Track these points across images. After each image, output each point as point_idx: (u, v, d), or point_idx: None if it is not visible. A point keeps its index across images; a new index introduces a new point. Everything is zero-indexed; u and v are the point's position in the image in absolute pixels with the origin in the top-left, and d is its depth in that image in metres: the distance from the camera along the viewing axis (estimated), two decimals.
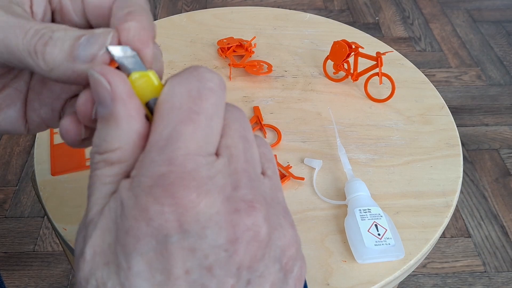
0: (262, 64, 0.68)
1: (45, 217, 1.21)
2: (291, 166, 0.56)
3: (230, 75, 0.68)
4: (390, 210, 0.52)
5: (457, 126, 0.63)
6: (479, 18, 1.95)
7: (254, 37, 0.74)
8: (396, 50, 0.76)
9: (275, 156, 0.57)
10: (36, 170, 0.54)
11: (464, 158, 1.39)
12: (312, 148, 0.59)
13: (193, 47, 0.74)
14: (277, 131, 0.61)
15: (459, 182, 0.56)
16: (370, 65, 0.65)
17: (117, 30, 0.23)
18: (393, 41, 1.81)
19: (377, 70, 0.64)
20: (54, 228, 0.50)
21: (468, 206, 1.29)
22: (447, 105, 0.66)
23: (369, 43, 0.75)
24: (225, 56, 0.71)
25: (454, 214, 1.27)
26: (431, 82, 0.71)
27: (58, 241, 1.16)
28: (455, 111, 1.54)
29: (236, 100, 0.65)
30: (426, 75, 0.71)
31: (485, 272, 1.15)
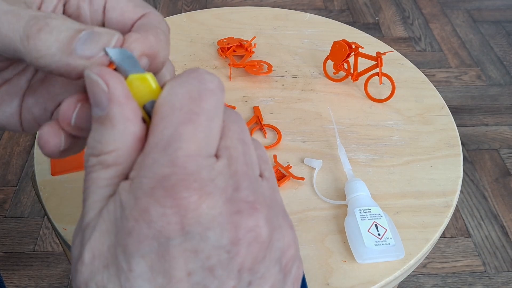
0: (262, 64, 0.68)
1: (45, 217, 1.21)
2: (291, 166, 0.56)
3: (230, 75, 0.68)
4: (390, 210, 0.52)
5: (457, 126, 0.63)
6: (479, 18, 1.95)
7: (254, 37, 0.74)
8: (396, 50, 0.76)
9: (275, 156, 0.57)
10: (36, 170, 0.54)
11: (464, 158, 1.39)
12: (312, 148, 0.59)
13: (193, 47, 0.74)
14: (277, 131, 0.61)
15: (459, 182, 0.56)
16: (370, 65, 0.65)
17: (137, 39, 0.23)
18: (393, 41, 1.81)
19: (377, 70, 0.64)
20: (54, 228, 0.50)
21: (468, 206, 1.29)
22: (447, 105, 0.66)
23: (369, 43, 0.75)
24: (225, 56, 0.71)
25: (454, 214, 1.27)
26: (431, 82, 0.71)
27: (58, 241, 1.16)
28: (455, 111, 1.54)
29: (236, 100, 0.65)
30: (426, 75, 0.71)
31: (485, 272, 1.15)
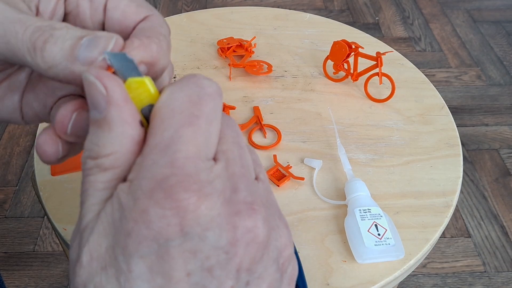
0: (262, 64, 0.68)
1: (45, 217, 1.21)
2: (291, 166, 0.56)
3: (230, 75, 0.68)
4: (390, 210, 0.52)
5: (457, 126, 0.63)
6: (479, 18, 1.95)
7: (254, 37, 0.74)
8: (396, 50, 0.76)
9: (275, 156, 0.57)
10: (36, 170, 0.54)
11: (464, 158, 1.39)
12: (312, 148, 0.59)
13: (193, 47, 0.74)
14: (277, 131, 0.61)
15: (459, 182, 0.56)
16: (370, 65, 0.65)
17: (138, 46, 0.24)
18: (393, 41, 1.81)
19: (377, 70, 0.64)
20: (54, 228, 0.50)
21: (468, 206, 1.29)
22: (447, 105, 0.66)
23: (369, 43, 0.75)
24: (225, 56, 0.71)
25: (454, 214, 1.27)
26: (431, 82, 0.71)
27: (58, 241, 1.16)
28: (455, 111, 1.54)
29: (236, 100, 0.65)
30: (426, 75, 0.71)
31: (485, 272, 1.15)
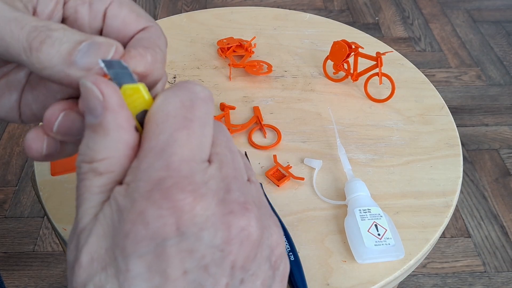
0: (262, 64, 0.68)
1: (45, 217, 1.21)
2: (291, 166, 0.56)
3: (230, 75, 0.68)
4: (390, 210, 0.52)
5: (457, 126, 0.63)
6: (479, 18, 1.95)
7: (254, 37, 0.74)
8: (396, 50, 0.76)
9: (275, 156, 0.57)
10: (36, 170, 0.54)
11: (464, 158, 1.39)
12: (312, 148, 0.59)
13: (193, 47, 0.74)
14: (277, 131, 0.61)
15: (459, 182, 0.56)
16: (370, 65, 0.65)
17: (134, 56, 0.24)
18: (393, 41, 1.81)
19: (377, 70, 0.64)
20: (54, 228, 0.50)
21: (468, 206, 1.29)
22: (447, 105, 0.66)
23: (369, 43, 0.75)
24: (225, 56, 0.71)
25: (454, 214, 1.27)
26: (431, 82, 0.71)
27: (58, 241, 1.16)
28: (455, 111, 1.54)
29: (236, 100, 0.65)
30: (426, 75, 0.71)
31: (485, 272, 1.15)
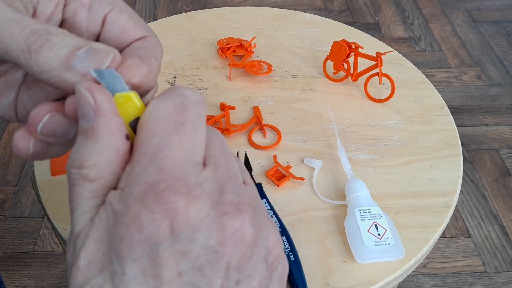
0: (262, 64, 0.68)
1: (45, 217, 1.21)
2: (291, 166, 0.56)
3: (230, 75, 0.68)
4: (390, 210, 0.52)
5: (457, 126, 0.63)
6: (479, 18, 1.95)
7: (254, 37, 0.74)
8: (396, 50, 0.76)
9: (274, 156, 0.57)
10: (36, 170, 0.54)
11: (464, 158, 1.39)
12: (312, 148, 0.59)
13: (193, 47, 0.74)
14: (277, 131, 0.61)
15: (459, 182, 0.56)
16: (370, 65, 0.65)
17: (130, 66, 0.24)
18: (393, 41, 1.81)
19: (377, 70, 0.64)
20: (54, 228, 0.50)
21: (468, 206, 1.29)
22: (447, 105, 0.66)
23: (369, 43, 0.75)
24: (225, 56, 0.71)
25: (454, 214, 1.27)
26: (431, 82, 0.71)
27: (58, 241, 1.16)
28: (455, 111, 1.54)
29: (236, 100, 0.65)
30: (426, 75, 0.71)
31: (485, 272, 1.15)
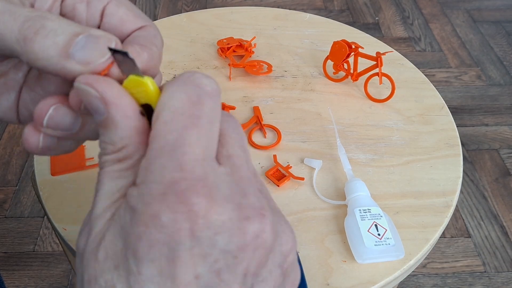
0: (262, 64, 0.68)
1: (45, 217, 1.21)
2: (291, 166, 0.56)
3: (230, 75, 0.68)
4: (390, 210, 0.52)
5: (457, 126, 0.63)
6: (479, 18, 1.95)
7: (254, 37, 0.74)
8: (396, 50, 0.76)
9: (274, 156, 0.57)
10: (36, 170, 0.54)
11: (464, 158, 1.39)
12: (312, 148, 0.59)
13: (193, 47, 0.74)
14: (277, 131, 0.61)
15: (459, 182, 0.56)
16: (370, 65, 0.65)
17: (131, 53, 0.24)
18: (393, 41, 1.81)
19: (377, 70, 0.64)
20: (54, 228, 0.50)
21: (468, 206, 1.29)
22: (447, 105, 0.66)
23: (369, 43, 0.75)
24: (225, 56, 0.71)
25: (454, 214, 1.27)
26: (431, 82, 0.71)
27: (58, 241, 1.16)
28: (455, 111, 1.54)
29: (236, 100, 0.65)
30: (426, 75, 0.71)
31: (485, 272, 1.15)
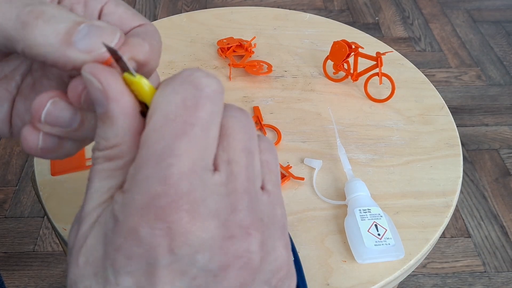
0: (262, 64, 0.68)
1: (45, 217, 1.21)
2: (291, 166, 0.56)
3: (230, 75, 0.68)
4: (390, 210, 0.52)
5: (457, 126, 0.63)
6: (479, 18, 1.95)
7: (254, 37, 0.74)
8: (396, 50, 0.76)
9: None
10: (36, 170, 0.54)
11: (464, 158, 1.39)
12: (312, 148, 0.59)
13: (193, 47, 0.74)
14: (277, 131, 0.61)
15: (459, 182, 0.56)
16: (370, 65, 0.65)
17: (133, 44, 0.23)
18: (393, 41, 1.81)
19: (377, 70, 0.64)
20: (54, 228, 0.50)
21: (468, 206, 1.29)
22: (447, 105, 0.66)
23: (369, 43, 0.75)
24: (225, 56, 0.71)
25: (454, 214, 1.27)
26: (431, 82, 0.71)
27: (58, 241, 1.16)
28: (455, 111, 1.54)
29: (236, 100, 0.65)
30: (426, 75, 0.71)
31: (485, 272, 1.15)
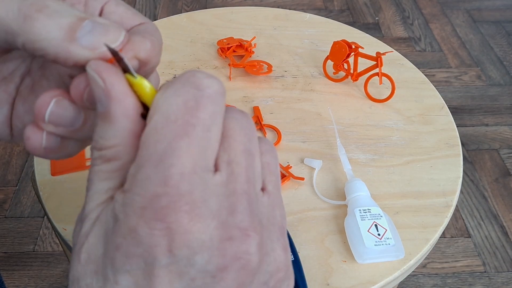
0: (262, 64, 0.68)
1: (45, 217, 1.21)
2: (291, 166, 0.56)
3: (230, 75, 0.68)
4: (390, 210, 0.52)
5: (457, 126, 0.63)
6: (479, 18, 1.95)
7: (254, 37, 0.74)
8: (396, 50, 0.76)
9: None
10: (36, 170, 0.54)
11: (464, 158, 1.39)
12: (312, 148, 0.59)
13: (193, 47, 0.74)
14: (277, 131, 0.61)
15: (459, 182, 0.56)
16: (370, 65, 0.65)
17: (135, 42, 0.23)
18: (393, 41, 1.81)
19: (377, 70, 0.64)
20: (54, 228, 0.50)
21: (468, 206, 1.29)
22: (447, 105, 0.66)
23: (369, 43, 0.75)
24: (225, 56, 0.71)
25: (454, 214, 1.27)
26: (431, 82, 0.71)
27: (58, 241, 1.16)
28: (455, 111, 1.54)
29: (236, 100, 0.65)
30: (426, 75, 0.71)
31: (485, 272, 1.15)
